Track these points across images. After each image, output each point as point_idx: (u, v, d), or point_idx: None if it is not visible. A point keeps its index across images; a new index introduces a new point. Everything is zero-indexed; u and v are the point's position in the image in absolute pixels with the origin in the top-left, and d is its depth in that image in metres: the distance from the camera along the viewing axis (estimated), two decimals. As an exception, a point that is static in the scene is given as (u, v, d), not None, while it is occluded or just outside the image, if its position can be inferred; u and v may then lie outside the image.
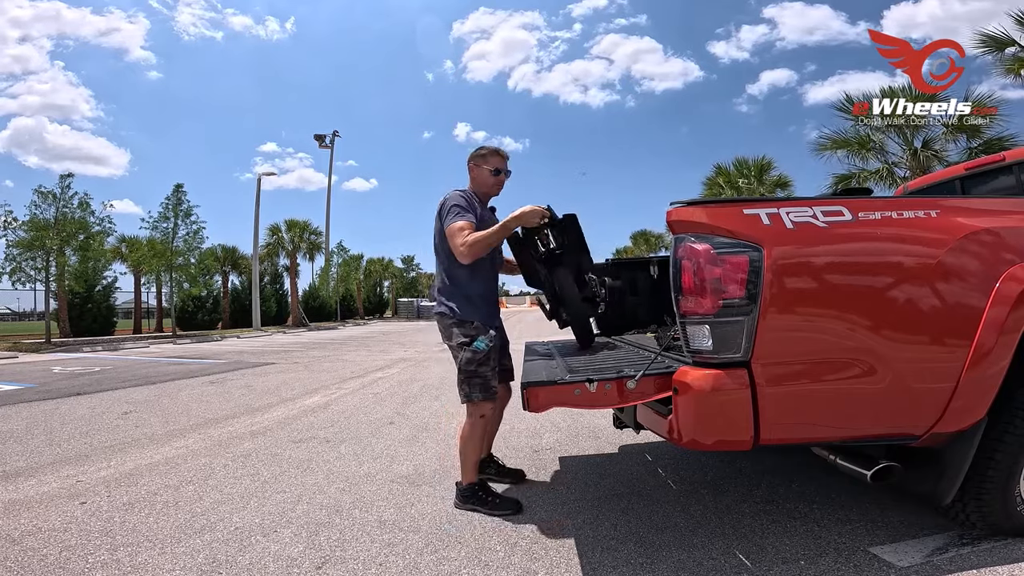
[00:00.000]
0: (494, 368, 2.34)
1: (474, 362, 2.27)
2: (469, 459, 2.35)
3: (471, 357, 2.27)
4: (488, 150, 2.47)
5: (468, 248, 2.20)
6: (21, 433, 4.01)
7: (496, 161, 2.46)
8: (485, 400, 2.30)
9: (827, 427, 1.65)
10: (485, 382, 2.29)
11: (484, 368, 2.28)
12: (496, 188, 2.51)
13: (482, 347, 2.28)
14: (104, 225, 17.43)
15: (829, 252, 1.61)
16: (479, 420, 2.32)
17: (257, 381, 6.70)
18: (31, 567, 1.90)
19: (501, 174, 2.47)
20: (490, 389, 2.31)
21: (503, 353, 2.52)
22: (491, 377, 2.31)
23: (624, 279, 3.24)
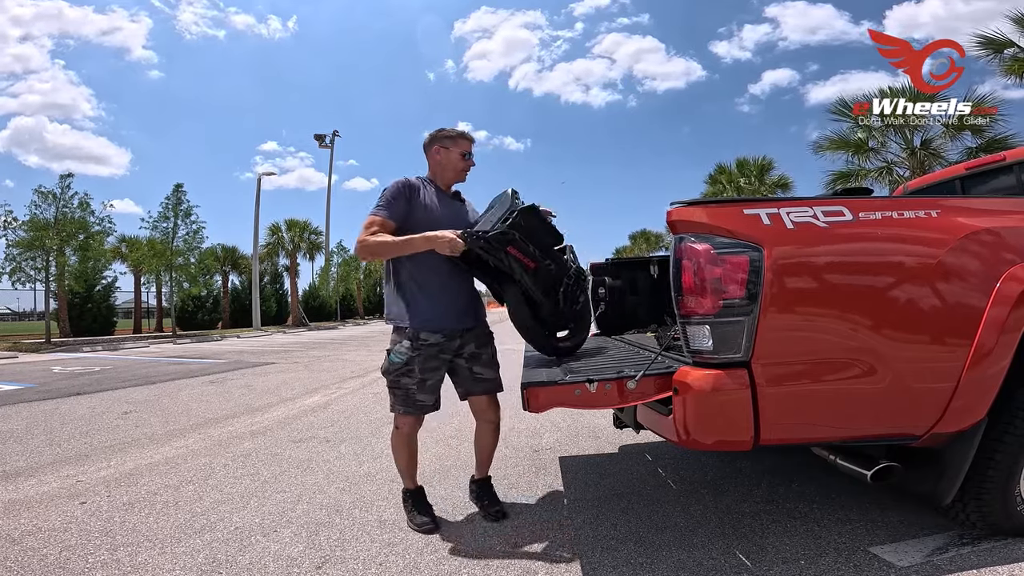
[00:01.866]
0: (424, 381, 2.11)
1: (392, 372, 2.12)
2: (398, 465, 2.29)
3: (387, 367, 2.14)
4: (456, 132, 2.25)
5: (362, 247, 2.05)
6: (21, 433, 4.01)
7: (463, 144, 2.26)
8: (406, 414, 2.16)
9: (827, 427, 1.65)
10: (407, 395, 2.12)
11: (405, 380, 2.10)
12: (463, 174, 2.30)
13: (395, 359, 2.10)
14: (104, 225, 17.46)
15: (829, 252, 1.60)
16: (395, 431, 2.21)
17: (257, 381, 6.70)
18: (31, 567, 1.90)
19: (470, 157, 2.28)
20: (412, 403, 2.13)
21: (475, 360, 2.25)
22: (416, 391, 2.11)
23: (624, 279, 3.25)
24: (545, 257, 2.14)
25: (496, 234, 1.99)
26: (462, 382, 2.27)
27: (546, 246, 2.19)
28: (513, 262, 2.05)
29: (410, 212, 2.13)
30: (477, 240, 1.97)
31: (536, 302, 2.20)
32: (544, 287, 2.18)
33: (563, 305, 2.25)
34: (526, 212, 2.10)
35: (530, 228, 2.10)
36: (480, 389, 2.27)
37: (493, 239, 1.99)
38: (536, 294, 2.16)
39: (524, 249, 2.06)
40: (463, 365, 2.24)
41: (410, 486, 2.29)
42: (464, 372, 2.25)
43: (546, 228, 2.23)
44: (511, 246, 2.02)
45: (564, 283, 2.24)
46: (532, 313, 2.21)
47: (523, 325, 2.20)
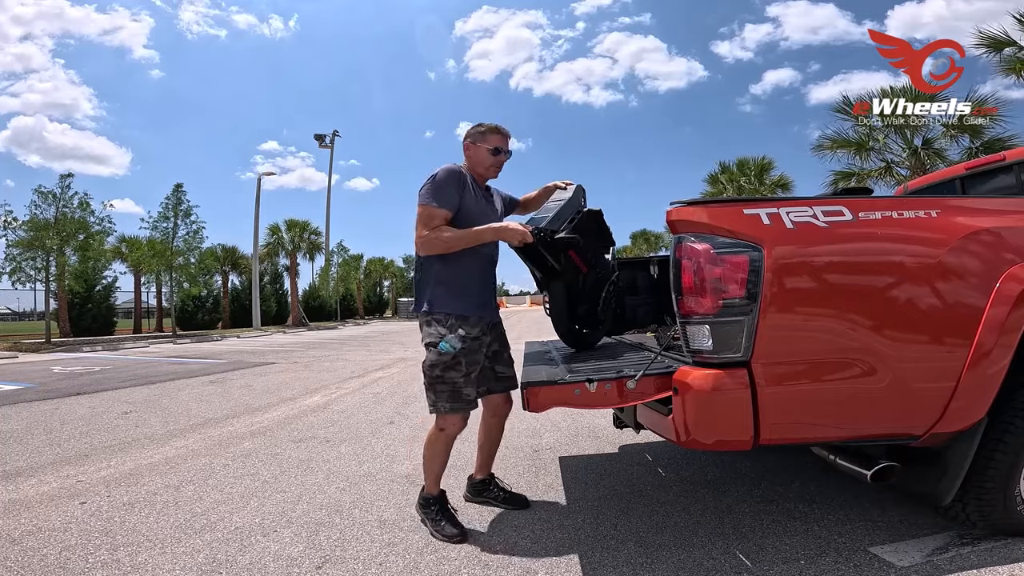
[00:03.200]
0: (469, 374, 2.02)
1: (439, 365, 1.98)
2: (430, 469, 2.15)
3: (435, 360, 1.99)
4: (487, 127, 2.20)
5: (429, 242, 1.99)
6: (21, 433, 4.01)
7: (496, 139, 2.19)
8: (452, 412, 2.02)
9: (827, 427, 1.65)
10: (454, 389, 1.99)
11: (452, 373, 1.98)
12: (494, 170, 2.24)
13: (447, 348, 1.97)
14: (104, 225, 17.45)
15: (829, 252, 1.60)
16: (439, 433, 2.08)
17: (257, 381, 6.70)
18: (31, 567, 1.90)
19: (501, 154, 2.20)
20: (461, 398, 2.01)
21: (498, 359, 2.24)
22: (463, 384, 2.00)
23: (624, 279, 3.25)
24: (599, 263, 2.29)
25: (564, 237, 2.07)
26: (484, 381, 2.22)
27: (596, 248, 2.29)
28: (568, 263, 2.13)
29: (463, 201, 2.08)
30: (544, 238, 2.03)
31: (576, 300, 2.32)
32: (590, 290, 2.31)
33: (602, 306, 2.36)
34: (592, 215, 2.23)
35: (587, 230, 2.19)
36: (502, 387, 2.29)
37: (560, 241, 2.06)
38: (581, 295, 2.31)
39: (582, 255, 2.16)
40: (487, 364, 2.20)
41: (435, 491, 2.17)
42: (487, 372, 2.22)
43: (602, 232, 2.32)
44: (572, 250, 2.11)
45: (607, 288, 2.37)
46: (570, 308, 2.32)
47: (561, 320, 2.31)
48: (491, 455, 2.40)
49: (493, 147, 2.19)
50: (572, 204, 2.21)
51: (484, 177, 2.26)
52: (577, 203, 2.21)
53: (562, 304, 2.28)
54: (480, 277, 2.15)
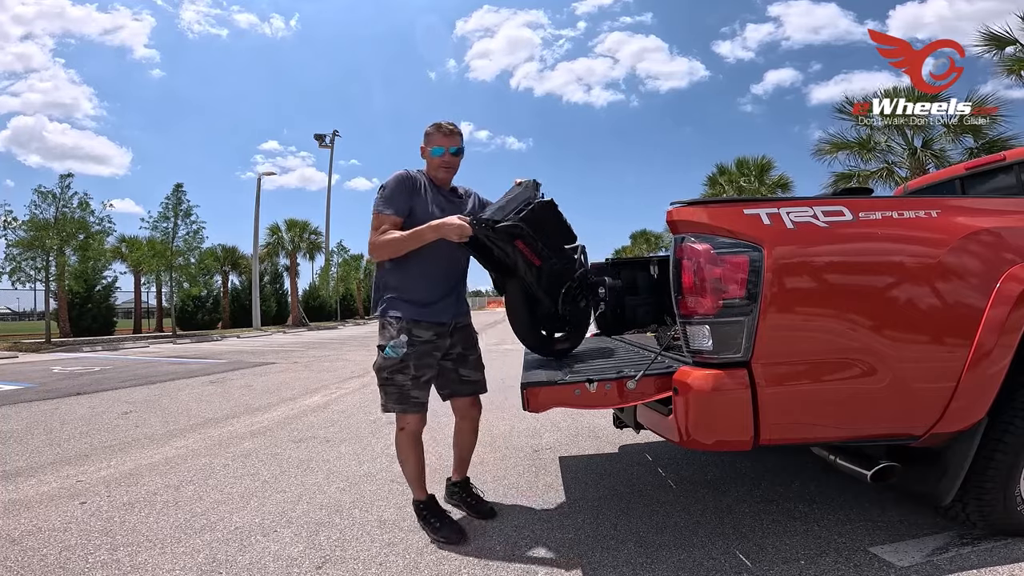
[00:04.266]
0: (418, 378, 2.04)
1: (386, 369, 2.02)
2: (406, 473, 2.17)
3: (382, 363, 2.03)
4: (431, 128, 2.17)
5: (373, 248, 2.03)
6: (21, 433, 4.01)
7: (437, 139, 2.14)
8: (404, 412, 2.06)
9: (827, 427, 1.65)
10: (401, 392, 2.03)
11: (400, 376, 2.02)
12: (443, 171, 2.18)
13: (391, 354, 2.00)
14: (104, 225, 17.46)
15: (830, 252, 1.60)
16: (400, 433, 2.10)
17: (257, 381, 6.70)
18: (31, 567, 1.90)
19: (444, 154, 2.14)
20: (408, 400, 2.04)
21: (462, 362, 2.22)
22: (411, 387, 2.03)
23: (624, 279, 3.25)
24: (552, 255, 2.07)
25: (506, 225, 1.92)
26: (447, 384, 2.24)
27: (557, 244, 2.12)
28: (519, 256, 1.99)
29: (412, 206, 2.09)
30: (486, 228, 1.91)
31: (536, 300, 2.15)
32: (547, 286, 2.11)
33: (561, 307, 2.16)
34: (543, 206, 2.05)
35: (543, 223, 2.04)
36: (466, 391, 2.25)
37: (501, 230, 1.92)
38: (537, 292, 2.11)
39: (532, 245, 1.99)
40: (449, 367, 2.21)
41: (421, 496, 2.16)
42: (450, 374, 2.22)
43: (560, 225, 2.16)
44: (519, 240, 1.96)
45: (567, 284, 2.15)
46: (530, 310, 2.16)
47: (518, 321, 2.16)
48: (463, 458, 2.37)
49: (432, 147, 2.16)
50: (521, 196, 2.09)
51: (439, 179, 2.20)
52: (527, 195, 2.07)
53: (518, 304, 2.13)
54: (434, 281, 2.11)
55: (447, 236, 1.92)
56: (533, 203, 2.02)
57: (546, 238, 2.05)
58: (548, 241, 2.06)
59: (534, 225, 1.99)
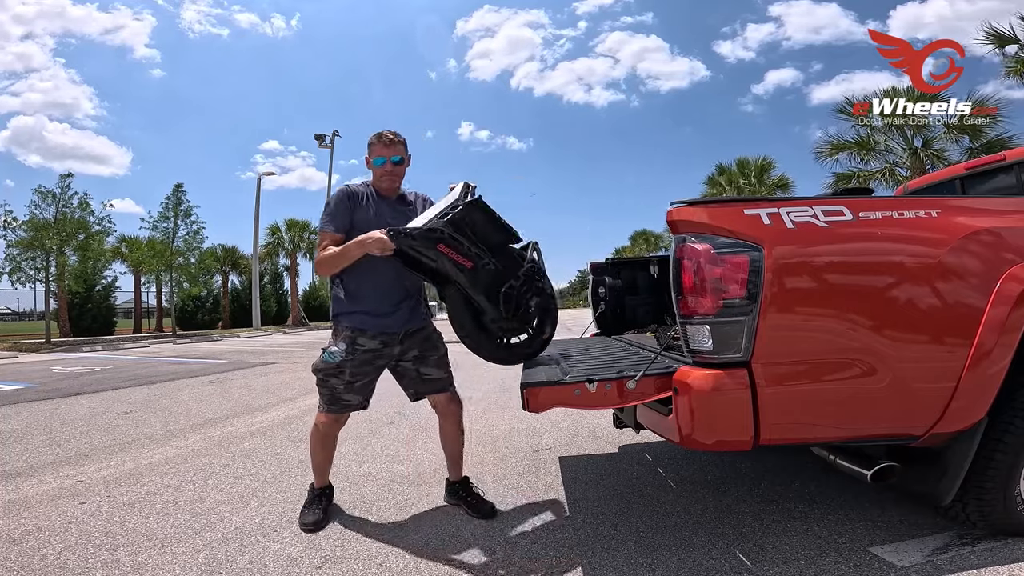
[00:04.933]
0: (352, 383, 2.13)
1: (322, 371, 2.13)
2: (311, 460, 2.32)
3: (319, 365, 2.13)
4: (373, 137, 2.19)
5: (315, 264, 2.09)
6: (21, 433, 4.01)
7: (377, 149, 2.16)
8: (327, 412, 2.19)
9: (827, 427, 1.65)
10: (332, 394, 2.15)
11: (334, 380, 2.12)
12: (386, 179, 2.18)
13: (328, 358, 2.10)
14: (104, 225, 17.48)
15: (830, 252, 1.60)
16: (314, 427, 2.25)
17: (257, 381, 6.70)
18: (31, 567, 1.90)
19: (385, 163, 2.15)
20: (338, 402, 2.16)
21: (423, 362, 2.25)
22: (342, 391, 2.13)
23: (624, 279, 3.25)
24: (487, 256, 1.99)
25: (423, 231, 1.87)
26: (410, 384, 2.29)
27: (496, 244, 2.05)
28: (446, 261, 1.92)
29: (353, 219, 2.12)
30: (404, 238, 1.87)
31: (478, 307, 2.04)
32: (484, 289, 2.01)
33: (504, 308, 2.04)
34: (470, 207, 1.97)
35: (475, 224, 1.98)
36: (429, 389, 2.28)
37: (420, 236, 1.88)
38: (475, 296, 2.01)
39: (457, 247, 1.92)
40: (409, 367, 2.25)
41: (319, 484, 2.33)
42: (411, 374, 2.26)
43: (494, 224, 2.06)
44: (441, 244, 1.90)
45: (509, 285, 2.04)
46: (474, 318, 2.06)
47: (462, 330, 2.07)
48: (454, 457, 2.38)
49: (373, 158, 2.18)
50: (447, 199, 2.05)
51: (383, 189, 2.21)
52: (454, 199, 2.02)
53: (459, 312, 2.04)
54: (383, 291, 2.14)
55: (370, 251, 1.93)
56: (459, 206, 1.97)
57: (479, 239, 1.99)
58: (485, 241, 2.01)
59: (462, 227, 1.94)
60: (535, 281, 2.11)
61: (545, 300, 2.16)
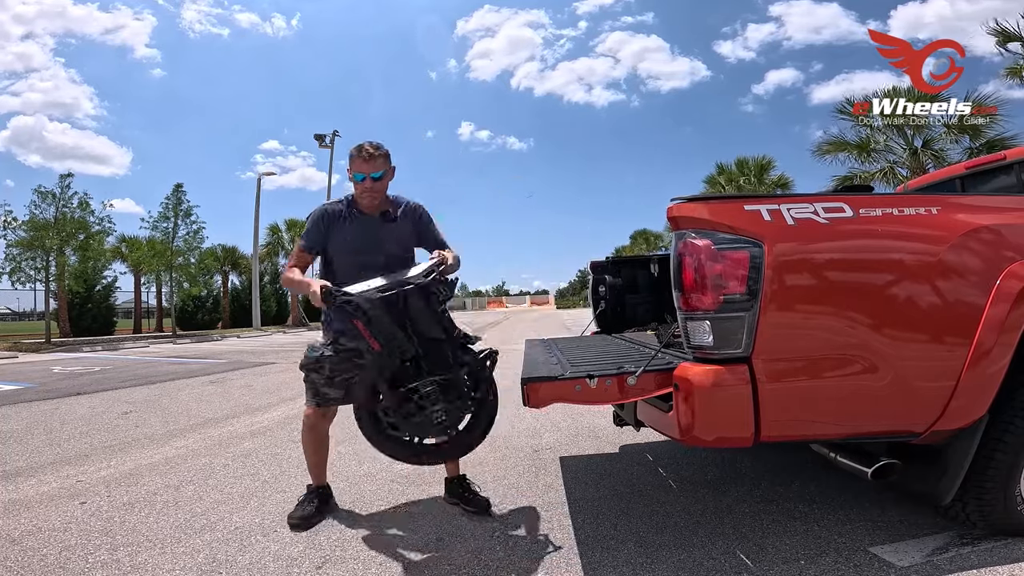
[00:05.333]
0: (332, 379, 2.16)
1: (305, 366, 2.18)
2: (306, 457, 2.35)
3: (303, 361, 2.18)
4: (353, 149, 2.12)
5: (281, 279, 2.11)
6: (21, 433, 4.01)
7: (357, 164, 2.09)
8: (312, 405, 2.22)
9: (828, 424, 1.65)
10: (314, 388, 2.20)
11: (314, 375, 2.17)
12: (366, 197, 2.13)
13: (310, 354, 2.16)
14: (104, 225, 17.48)
15: (830, 248, 1.60)
16: (304, 421, 2.29)
17: (257, 381, 6.70)
18: (31, 567, 1.90)
19: (365, 180, 2.08)
20: (320, 395, 2.19)
21: None
22: (323, 384, 2.17)
23: (624, 277, 3.25)
24: (407, 346, 1.86)
25: (345, 301, 1.82)
26: None
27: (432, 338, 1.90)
28: (359, 337, 1.87)
29: (329, 238, 2.16)
30: (331, 299, 1.84)
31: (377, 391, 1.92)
32: (389, 379, 1.88)
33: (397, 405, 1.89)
34: (416, 291, 1.86)
35: (414, 309, 1.86)
36: None
37: (337, 307, 1.85)
38: (377, 381, 1.90)
39: (374, 329, 1.83)
40: None
41: (315, 483, 2.35)
42: None
43: (435, 318, 1.91)
44: (355, 320, 1.84)
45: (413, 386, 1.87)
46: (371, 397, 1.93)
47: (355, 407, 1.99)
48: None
49: (353, 172, 2.12)
50: (417, 269, 1.99)
51: (364, 206, 2.18)
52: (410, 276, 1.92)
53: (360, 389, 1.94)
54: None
55: (311, 299, 1.94)
56: (410, 285, 1.88)
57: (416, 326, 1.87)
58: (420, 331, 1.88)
59: (398, 308, 1.84)
60: (455, 389, 1.93)
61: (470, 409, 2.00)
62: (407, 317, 1.87)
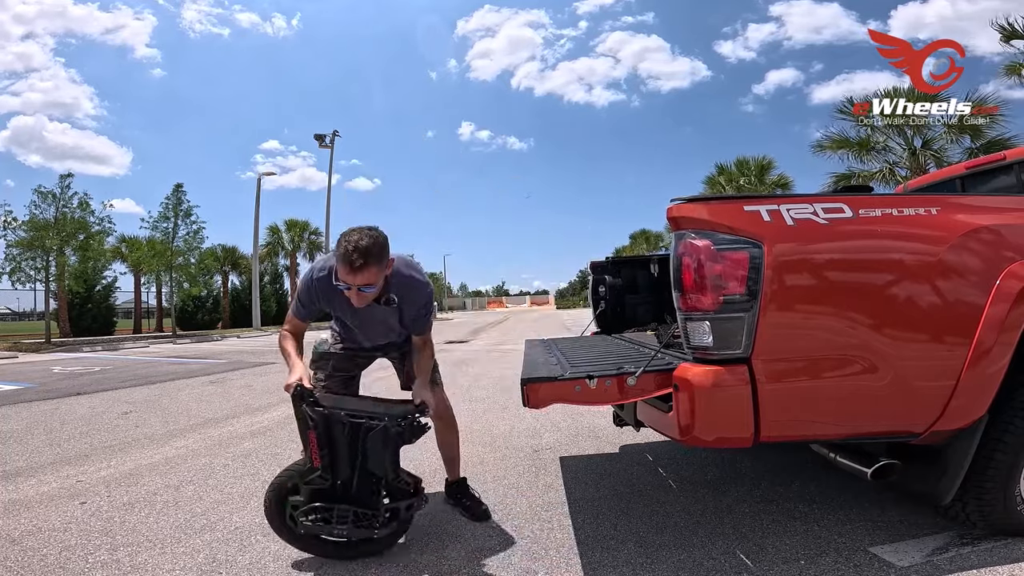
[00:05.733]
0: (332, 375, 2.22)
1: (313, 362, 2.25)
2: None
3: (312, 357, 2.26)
4: (339, 248, 1.76)
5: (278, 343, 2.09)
6: (21, 433, 4.01)
7: (341, 272, 1.76)
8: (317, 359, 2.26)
9: (828, 424, 1.65)
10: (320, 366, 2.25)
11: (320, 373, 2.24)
12: (354, 299, 1.83)
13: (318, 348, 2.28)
14: (104, 225, 17.48)
15: (829, 249, 1.60)
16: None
17: (257, 381, 6.70)
18: (31, 567, 1.90)
19: (351, 290, 1.79)
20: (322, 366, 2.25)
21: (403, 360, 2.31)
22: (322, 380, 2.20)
23: (624, 277, 3.25)
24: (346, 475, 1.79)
25: (312, 412, 1.75)
26: (398, 373, 2.39)
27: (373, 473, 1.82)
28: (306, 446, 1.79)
29: (326, 304, 2.02)
30: (300, 402, 1.78)
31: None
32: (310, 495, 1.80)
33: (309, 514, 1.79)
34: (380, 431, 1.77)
35: (371, 443, 1.79)
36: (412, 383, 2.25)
37: (300, 416, 1.78)
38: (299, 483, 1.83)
39: (323, 445, 1.77)
40: (395, 361, 2.38)
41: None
42: (396, 365, 2.38)
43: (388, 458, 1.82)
44: (311, 432, 1.76)
45: (323, 511, 1.78)
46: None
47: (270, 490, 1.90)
48: (447, 458, 2.36)
49: (340, 282, 1.79)
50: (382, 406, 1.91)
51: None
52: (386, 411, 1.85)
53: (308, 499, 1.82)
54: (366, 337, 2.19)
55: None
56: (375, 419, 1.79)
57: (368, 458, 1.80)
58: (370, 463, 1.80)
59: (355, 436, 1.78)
60: (369, 522, 1.82)
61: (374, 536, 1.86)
62: (363, 447, 1.79)
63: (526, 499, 2.43)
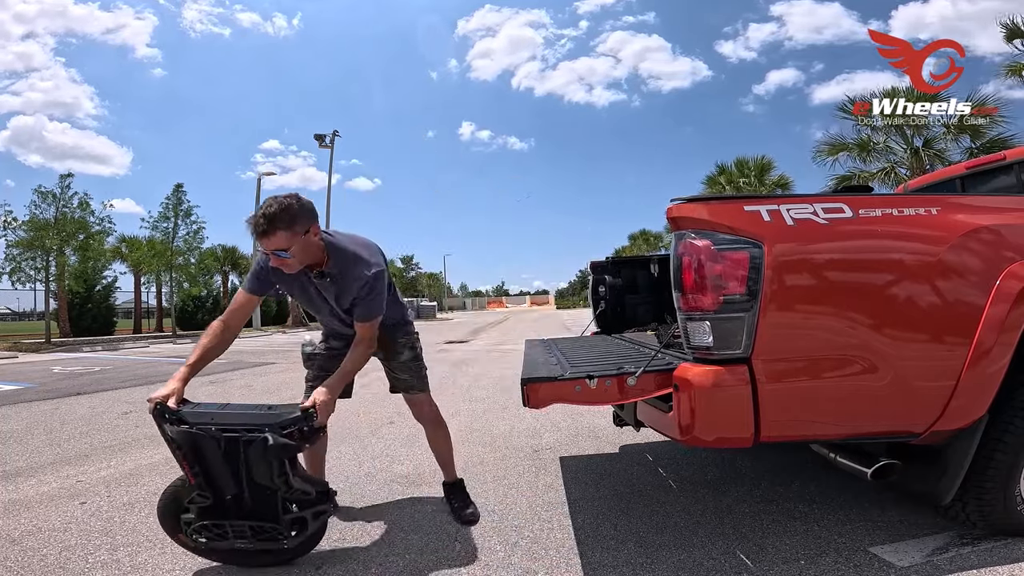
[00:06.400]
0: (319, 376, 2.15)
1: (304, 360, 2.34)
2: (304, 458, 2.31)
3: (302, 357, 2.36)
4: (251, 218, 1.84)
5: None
6: (21, 433, 4.01)
7: (256, 240, 1.83)
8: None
9: (828, 424, 1.65)
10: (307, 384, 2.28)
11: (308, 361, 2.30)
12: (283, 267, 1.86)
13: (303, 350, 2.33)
14: (104, 225, 17.48)
15: (829, 249, 1.60)
16: None
17: (257, 381, 6.70)
18: (31, 567, 1.90)
19: (270, 257, 1.82)
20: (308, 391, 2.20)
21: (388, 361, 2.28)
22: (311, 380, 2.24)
23: (624, 277, 3.25)
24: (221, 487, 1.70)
25: (172, 431, 1.67)
26: (386, 376, 2.35)
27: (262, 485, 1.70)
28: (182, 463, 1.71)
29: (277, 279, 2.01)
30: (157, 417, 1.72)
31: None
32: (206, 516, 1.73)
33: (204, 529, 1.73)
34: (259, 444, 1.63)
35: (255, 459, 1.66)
36: (398, 386, 2.31)
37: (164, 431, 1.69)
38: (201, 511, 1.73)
39: (191, 461, 1.68)
40: (382, 362, 2.32)
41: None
42: (384, 365, 2.33)
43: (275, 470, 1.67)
44: (179, 449, 1.67)
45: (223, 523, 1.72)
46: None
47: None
48: (442, 461, 2.38)
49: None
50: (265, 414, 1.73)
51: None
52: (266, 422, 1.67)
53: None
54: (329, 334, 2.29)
55: None
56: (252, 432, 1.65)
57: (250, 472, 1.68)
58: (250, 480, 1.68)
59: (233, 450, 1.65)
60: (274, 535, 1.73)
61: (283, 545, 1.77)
62: (245, 461, 1.67)
63: (526, 499, 2.43)
